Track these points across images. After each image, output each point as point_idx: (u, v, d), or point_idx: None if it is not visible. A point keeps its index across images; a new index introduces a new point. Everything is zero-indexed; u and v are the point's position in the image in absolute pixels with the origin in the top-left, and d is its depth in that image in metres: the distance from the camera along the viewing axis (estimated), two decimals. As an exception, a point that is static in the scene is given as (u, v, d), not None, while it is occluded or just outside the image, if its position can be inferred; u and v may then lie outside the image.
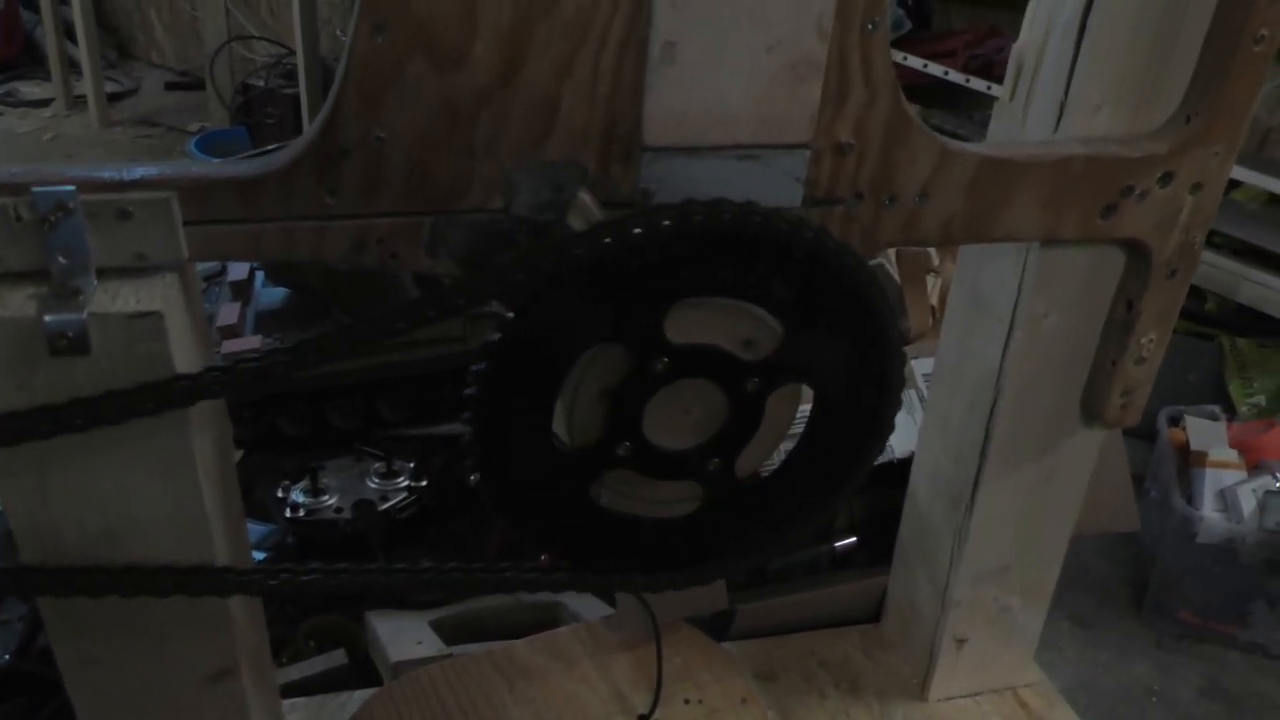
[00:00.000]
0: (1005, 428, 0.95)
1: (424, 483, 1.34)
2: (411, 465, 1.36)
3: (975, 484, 0.98)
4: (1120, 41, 0.81)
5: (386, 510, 1.30)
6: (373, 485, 1.33)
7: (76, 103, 3.71)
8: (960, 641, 1.08)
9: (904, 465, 1.14)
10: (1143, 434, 1.99)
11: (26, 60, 4.01)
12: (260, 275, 1.51)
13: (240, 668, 0.81)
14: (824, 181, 0.76)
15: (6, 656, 1.21)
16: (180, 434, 0.69)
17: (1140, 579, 1.90)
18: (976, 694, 1.12)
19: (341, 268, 1.39)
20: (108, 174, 0.66)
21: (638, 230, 0.67)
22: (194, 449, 0.70)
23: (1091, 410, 0.94)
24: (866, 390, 0.77)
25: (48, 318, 0.63)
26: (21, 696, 1.17)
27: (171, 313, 0.66)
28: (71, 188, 0.64)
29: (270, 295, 1.48)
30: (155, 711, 0.81)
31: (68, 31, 3.63)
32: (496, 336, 0.70)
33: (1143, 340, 0.89)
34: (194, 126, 3.60)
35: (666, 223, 0.67)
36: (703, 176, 0.74)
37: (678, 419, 0.76)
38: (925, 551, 1.08)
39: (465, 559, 0.82)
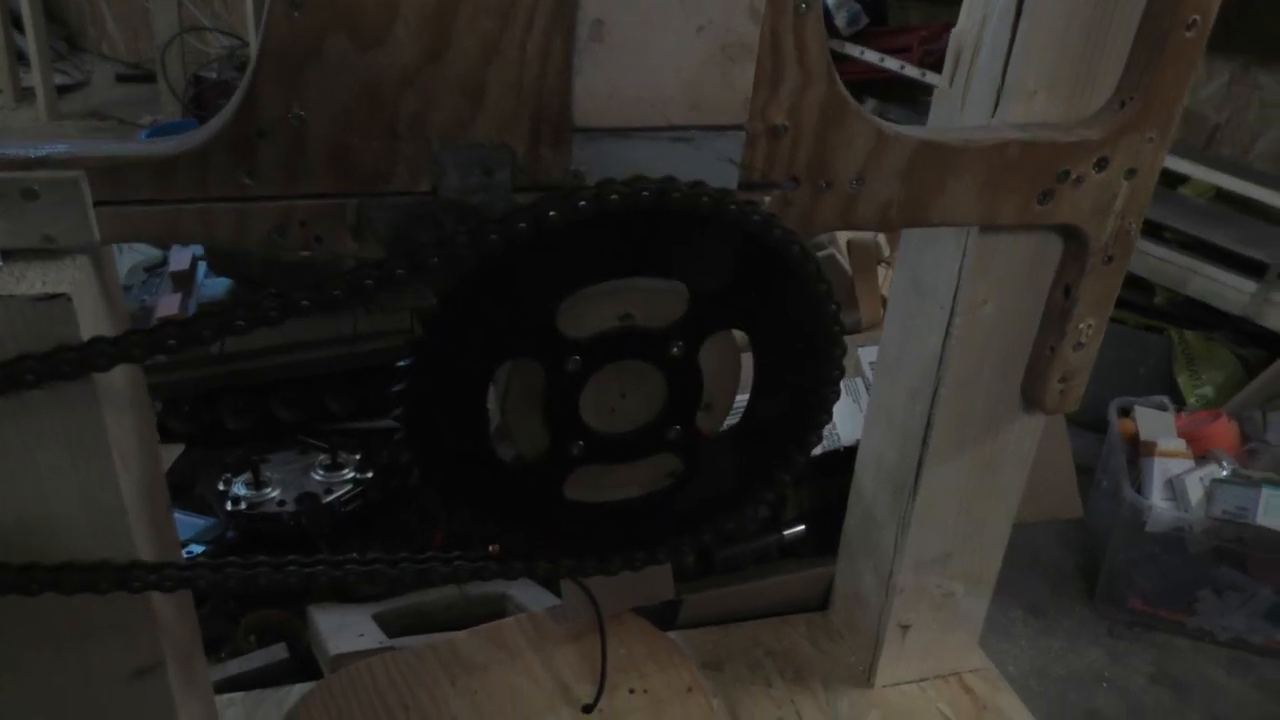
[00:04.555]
0: (946, 415, 0.95)
1: (369, 475, 1.32)
2: (357, 458, 1.33)
3: (918, 471, 0.98)
4: (1055, 27, 0.81)
5: (330, 503, 1.28)
6: (317, 478, 1.31)
7: (24, 95, 3.63)
8: (905, 628, 1.08)
9: (850, 454, 1.14)
10: (1094, 425, 2.01)
11: (-28, 51, 3.90)
12: (203, 266, 1.48)
13: (166, 664, 0.79)
14: (759, 165, 0.75)
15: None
16: (90, 411, 0.67)
17: (1092, 567, 1.91)
18: (922, 680, 1.12)
19: (280, 256, 1.37)
20: (12, 151, 0.64)
21: (493, 237, 0.66)
22: (107, 430, 0.68)
23: (1031, 397, 0.95)
24: (797, 316, 0.75)
25: (-51, 300, 0.61)
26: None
27: (81, 296, 0.64)
28: (-27, 165, 0.62)
29: (213, 286, 1.45)
30: (77, 710, 0.78)
31: (15, 22, 3.54)
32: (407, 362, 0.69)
33: (1080, 326, 0.90)
34: (145, 119, 3.53)
35: (522, 225, 0.66)
36: (635, 159, 0.72)
37: (619, 402, 0.75)
38: (870, 540, 1.08)
39: (411, 550, 0.81)
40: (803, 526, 1.25)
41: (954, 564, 1.05)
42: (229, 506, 1.26)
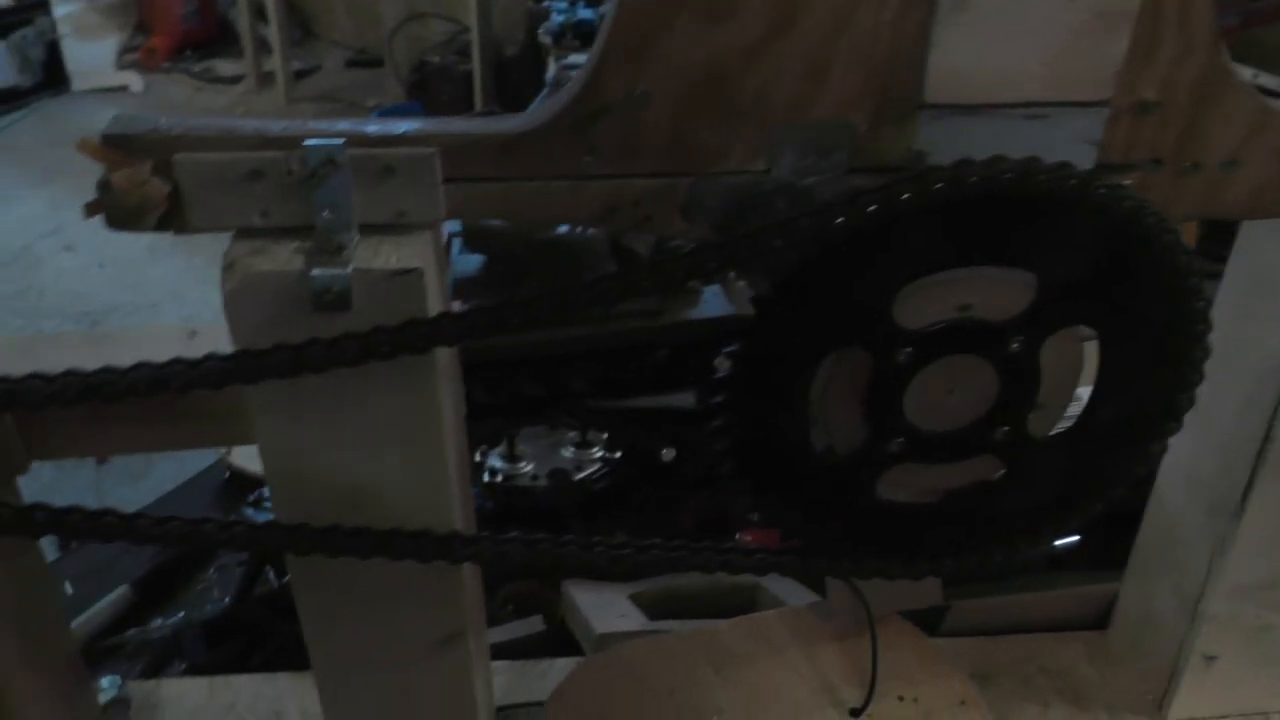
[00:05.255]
0: (1291, 428, 0.85)
1: (617, 455, 1.33)
2: (605, 437, 1.34)
3: (1247, 489, 0.88)
4: None
5: (581, 480, 1.29)
6: (567, 455, 1.33)
7: (265, 79, 3.90)
8: (1209, 659, 0.98)
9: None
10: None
11: (221, 40, 4.26)
12: (457, 242, 1.52)
13: (467, 631, 0.80)
14: (1119, 144, 0.69)
15: (226, 600, 1.27)
16: (428, 388, 0.68)
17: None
18: (1223, 717, 1.02)
19: (547, 235, 1.40)
20: (373, 129, 0.66)
21: (839, 220, 0.62)
22: (440, 403, 0.69)
23: (1399, 413, 0.83)
24: (1159, 313, 0.68)
25: (315, 272, 0.63)
26: (239, 639, 1.23)
27: (429, 270, 0.65)
28: (340, 141, 0.64)
29: (467, 262, 1.50)
30: (387, 670, 0.81)
31: (259, 12, 3.81)
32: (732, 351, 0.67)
33: None
34: (370, 102, 3.72)
35: (871, 207, 0.61)
36: (981, 137, 0.67)
37: (945, 399, 0.70)
38: (1173, 559, 0.99)
39: (661, 533, 0.80)
40: (1076, 537, 1.16)
41: (1278, 593, 0.94)
42: (485, 478, 1.30)
